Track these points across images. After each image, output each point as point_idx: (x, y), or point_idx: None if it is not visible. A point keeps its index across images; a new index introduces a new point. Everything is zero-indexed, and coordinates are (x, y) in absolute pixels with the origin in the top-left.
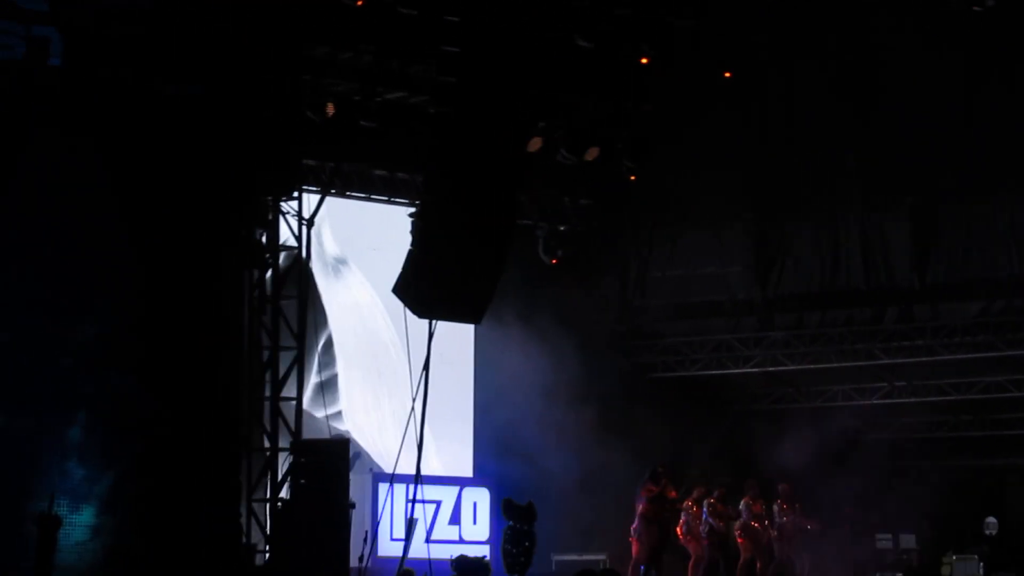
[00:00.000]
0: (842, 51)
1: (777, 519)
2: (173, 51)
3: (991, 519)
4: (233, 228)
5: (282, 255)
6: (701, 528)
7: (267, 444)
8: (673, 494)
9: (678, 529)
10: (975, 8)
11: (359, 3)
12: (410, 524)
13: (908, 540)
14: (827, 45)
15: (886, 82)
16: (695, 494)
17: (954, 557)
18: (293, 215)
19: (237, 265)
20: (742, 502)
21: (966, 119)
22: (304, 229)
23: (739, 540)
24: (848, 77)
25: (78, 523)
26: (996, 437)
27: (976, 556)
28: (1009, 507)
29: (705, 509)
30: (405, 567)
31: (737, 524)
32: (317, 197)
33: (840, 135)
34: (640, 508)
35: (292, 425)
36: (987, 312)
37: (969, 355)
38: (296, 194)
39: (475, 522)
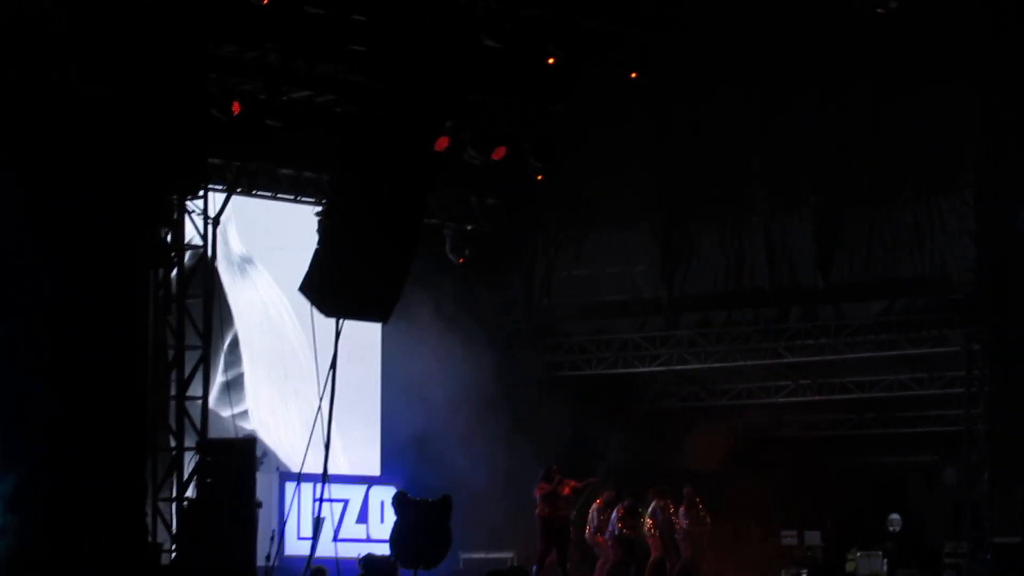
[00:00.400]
0: (750, 55)
1: (682, 520)
2: (79, 50)
3: (895, 516)
4: (138, 227)
5: (187, 254)
6: (608, 531)
7: (173, 444)
8: (567, 491)
9: (586, 530)
10: (879, 11)
11: (265, 2)
12: (317, 523)
13: (813, 537)
14: (736, 50)
15: (792, 86)
16: (604, 496)
17: (859, 554)
18: (199, 214)
19: (142, 264)
20: (652, 504)
21: (871, 123)
22: (210, 228)
23: (649, 541)
24: (755, 80)
25: None
26: (899, 435)
27: (880, 552)
28: (912, 504)
29: (614, 515)
30: (316, 565)
31: (648, 525)
32: (223, 196)
33: (745, 137)
34: (537, 509)
35: (198, 424)
36: (889, 311)
37: (872, 354)
38: (202, 193)
39: (382, 520)
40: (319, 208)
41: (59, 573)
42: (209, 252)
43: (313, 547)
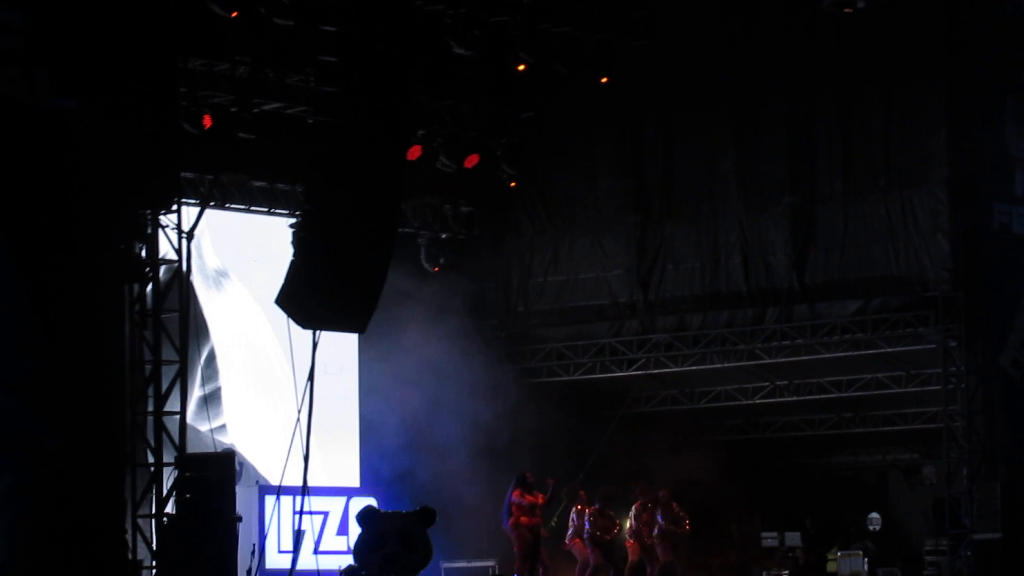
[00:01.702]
0: (720, 57)
1: (660, 522)
2: (47, 64)
3: (874, 515)
4: (112, 242)
5: (162, 268)
6: (586, 534)
7: (151, 459)
8: (541, 499)
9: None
10: (846, 10)
11: (234, 15)
12: (298, 536)
13: (793, 538)
14: (705, 52)
15: (763, 87)
16: (581, 499)
17: (839, 553)
18: (172, 228)
19: (117, 280)
20: (633, 508)
21: (841, 121)
22: (184, 242)
23: (628, 544)
24: (726, 82)
25: None
26: (877, 433)
27: (861, 552)
28: (892, 502)
29: (587, 520)
30: None
31: (627, 529)
32: (196, 210)
33: (718, 138)
34: (512, 517)
35: (176, 439)
36: (865, 310)
37: (848, 353)
38: (175, 207)
39: None
40: (293, 220)
41: None
42: (184, 266)
43: (294, 560)
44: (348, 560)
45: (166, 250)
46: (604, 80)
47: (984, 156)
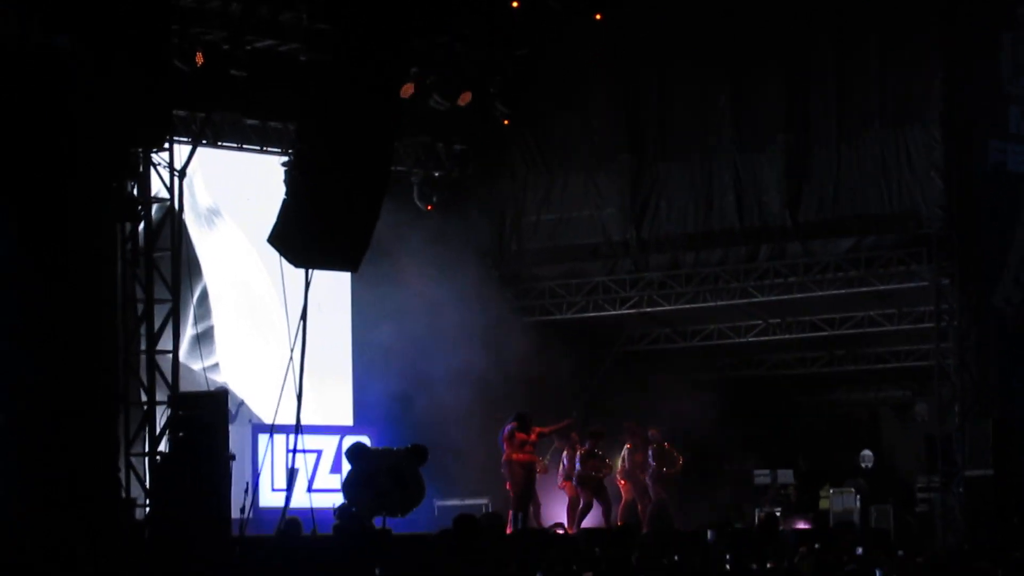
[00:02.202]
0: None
1: (651, 461)
2: (40, 1)
3: (867, 452)
4: (104, 181)
5: (154, 207)
6: (576, 474)
7: (144, 398)
8: (535, 437)
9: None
10: None
11: None
12: (291, 474)
13: (786, 476)
14: None
15: (760, 27)
16: (572, 439)
17: (832, 491)
18: (164, 166)
19: (109, 219)
20: (624, 448)
21: (837, 58)
22: (176, 180)
23: (620, 483)
24: (723, 18)
25: None
26: (870, 371)
27: (853, 489)
28: (884, 440)
29: (578, 459)
30: (291, 516)
31: (618, 469)
32: (188, 148)
33: (712, 76)
34: (504, 454)
35: (169, 378)
36: (858, 248)
37: (841, 291)
38: (167, 145)
39: None
40: (286, 158)
41: (32, 529)
42: (176, 205)
43: (287, 498)
44: (341, 498)
45: (158, 188)
46: (598, 17)
47: (979, 94)
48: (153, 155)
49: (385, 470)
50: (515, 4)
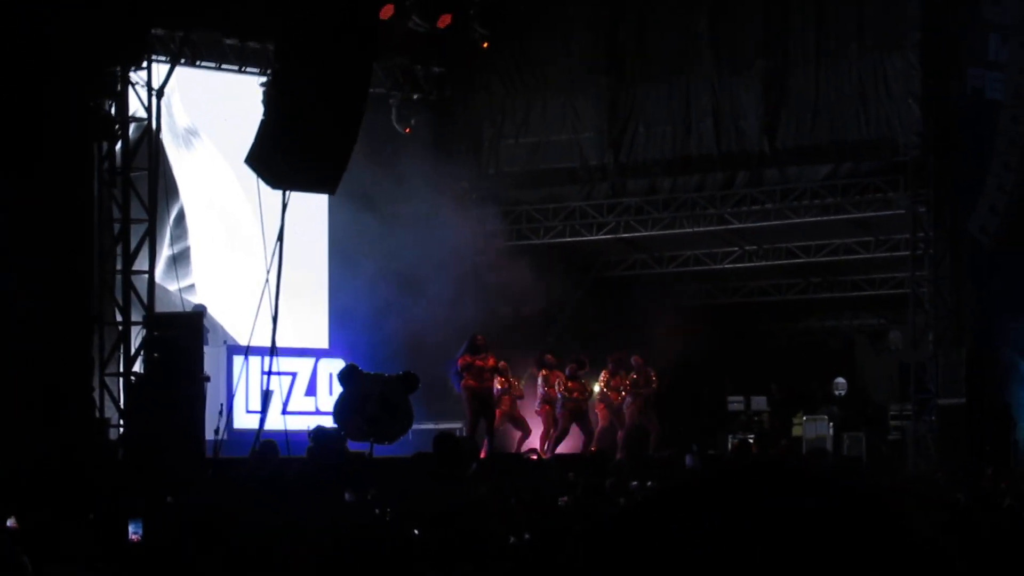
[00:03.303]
0: None
1: (630, 387)
2: None
3: (840, 380)
4: (81, 100)
5: (131, 126)
6: (556, 399)
7: (119, 318)
8: (491, 362)
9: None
10: None
11: None
12: (266, 396)
13: (759, 402)
14: None
15: None
16: (548, 364)
17: (804, 418)
18: (142, 85)
19: (86, 137)
20: (602, 374)
21: None
22: (153, 100)
23: (597, 408)
24: None
25: None
26: (844, 299)
27: (826, 416)
28: (858, 368)
29: (558, 387)
30: (265, 439)
31: (596, 394)
32: (166, 67)
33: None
34: (460, 379)
35: (144, 298)
36: (835, 175)
37: (818, 218)
38: (144, 64)
39: (331, 393)
40: (264, 79)
41: (6, 450)
42: (153, 124)
43: (262, 420)
44: (316, 421)
45: (135, 108)
46: None
47: (958, 20)
48: (131, 74)
49: (376, 396)
50: None
